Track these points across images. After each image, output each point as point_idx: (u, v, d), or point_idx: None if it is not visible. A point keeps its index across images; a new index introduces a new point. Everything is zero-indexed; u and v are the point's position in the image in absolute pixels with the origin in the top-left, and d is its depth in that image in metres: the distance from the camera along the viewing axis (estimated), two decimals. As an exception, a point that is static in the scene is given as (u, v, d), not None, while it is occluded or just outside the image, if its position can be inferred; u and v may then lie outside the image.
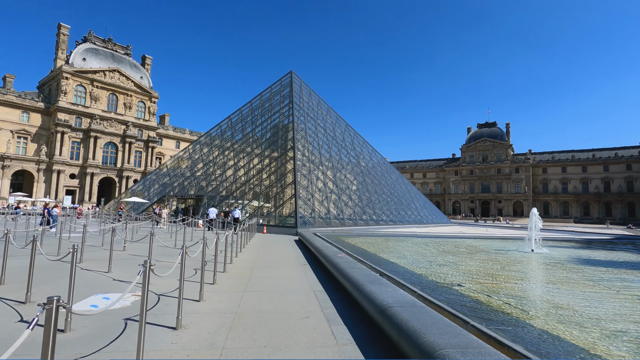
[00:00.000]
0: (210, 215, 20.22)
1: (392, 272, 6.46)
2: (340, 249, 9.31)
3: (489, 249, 14.25)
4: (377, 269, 6.23)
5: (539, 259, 11.56)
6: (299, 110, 30.98)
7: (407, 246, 14.49)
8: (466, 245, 15.75)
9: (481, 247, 14.91)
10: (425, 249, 13.46)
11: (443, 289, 6.01)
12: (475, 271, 8.27)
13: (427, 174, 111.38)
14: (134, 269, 7.33)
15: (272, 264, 9.15)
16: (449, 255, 11.44)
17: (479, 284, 6.63)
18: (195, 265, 8.01)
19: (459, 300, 5.19)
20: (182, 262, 4.00)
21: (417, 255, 11.30)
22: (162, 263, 8.06)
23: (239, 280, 6.77)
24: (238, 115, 37.84)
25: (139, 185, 38.61)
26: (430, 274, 7.64)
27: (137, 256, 9.44)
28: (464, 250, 13.60)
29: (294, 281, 6.78)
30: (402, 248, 13.73)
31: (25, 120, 61.19)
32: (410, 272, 7.68)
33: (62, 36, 65.89)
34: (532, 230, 14.21)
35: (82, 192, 63.85)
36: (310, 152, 27.18)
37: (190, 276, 6.83)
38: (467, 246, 15.13)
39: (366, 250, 11.71)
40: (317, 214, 22.61)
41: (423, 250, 12.97)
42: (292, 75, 36.65)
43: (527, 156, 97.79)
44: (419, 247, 14.08)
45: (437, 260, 10.14)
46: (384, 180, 35.63)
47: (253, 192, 25.31)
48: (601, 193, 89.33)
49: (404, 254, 11.18)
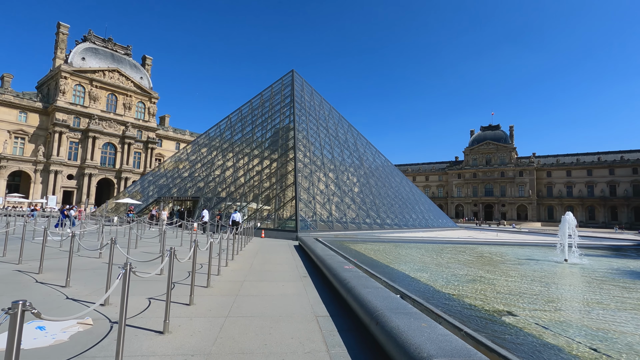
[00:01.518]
0: (204, 217, 19.03)
1: (416, 292, 5.18)
2: (347, 259, 8.05)
3: (514, 258, 12.76)
4: (397, 287, 4.96)
5: (581, 272, 10.14)
6: (301, 110, 29.82)
7: (421, 254, 13.12)
8: (486, 252, 14.35)
9: (504, 255, 13.45)
10: (443, 258, 12.09)
11: (492, 322, 4.63)
12: (517, 290, 6.84)
13: (429, 177, 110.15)
14: (99, 283, 6.10)
15: (266, 276, 7.91)
16: (475, 267, 10.05)
17: (535, 312, 5.23)
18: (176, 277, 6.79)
19: (528, 342, 3.81)
20: (171, 270, 2.75)
21: (437, 266, 9.86)
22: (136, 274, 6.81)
23: (223, 299, 5.55)
24: (237, 115, 36.74)
25: (135, 186, 37.48)
26: (464, 294, 6.20)
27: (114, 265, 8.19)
28: (487, 259, 12.22)
29: (291, 301, 5.56)
30: (416, 257, 12.35)
31: (23, 120, 60.32)
32: (437, 292, 6.24)
33: (61, 35, 65.13)
34: (565, 237, 12.67)
35: (79, 194, 62.82)
36: (312, 153, 25.97)
37: (163, 293, 5.59)
38: (488, 254, 13.73)
39: (376, 260, 10.37)
40: (318, 217, 21.36)
41: (441, 260, 11.59)
42: (293, 74, 35.56)
43: (531, 159, 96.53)
44: (434, 256, 12.74)
45: (463, 273, 8.74)
46: (388, 182, 34.36)
47: (251, 194, 24.09)
48: (607, 197, 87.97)
49: (421, 265, 9.78)
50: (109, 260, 4.89)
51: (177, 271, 7.50)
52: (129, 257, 5.05)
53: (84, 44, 68.22)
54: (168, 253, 3.97)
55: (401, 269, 8.82)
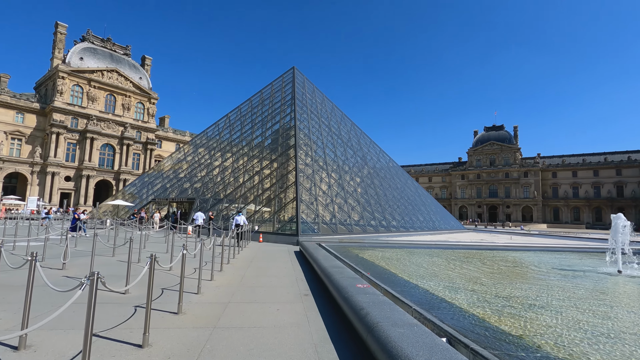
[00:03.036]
0: (197, 220, 17.75)
1: (468, 331, 3.73)
2: (358, 272, 6.69)
3: (551, 268, 10.94)
4: (438, 324, 3.44)
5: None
6: (302, 108, 28.58)
7: (442, 264, 11.47)
8: (513, 261, 12.67)
9: (537, 264, 11.70)
10: (470, 269, 10.41)
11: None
12: (609, 328, 4.69)
13: (432, 178, 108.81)
14: (37, 307, 4.74)
15: (258, 294, 6.46)
16: (516, 283, 8.12)
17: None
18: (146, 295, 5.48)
19: None
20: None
21: (469, 281, 8.07)
22: (101, 292, 5.52)
23: (193, 336, 4.06)
24: (237, 114, 35.55)
25: (130, 188, 36.28)
26: (532, 333, 4.32)
27: (71, 278, 6.90)
28: (521, 270, 10.55)
29: (287, 339, 4.05)
30: (438, 268, 10.73)
31: (19, 121, 59.39)
32: (495, 330, 4.33)
33: (59, 35, 64.26)
34: (618, 243, 10.58)
35: (77, 195, 61.79)
36: (314, 152, 24.67)
37: (120, 323, 4.27)
38: (518, 263, 12.04)
39: (393, 274, 8.83)
40: (320, 220, 20.02)
41: (469, 271, 9.88)
42: (294, 71, 34.38)
43: (536, 160, 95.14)
44: (458, 265, 11.13)
45: (508, 294, 6.89)
46: (393, 183, 33.02)
47: (250, 195, 22.79)
48: (614, 198, 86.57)
49: (449, 281, 8.01)
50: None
51: (150, 286, 6.21)
52: (97, 271, 3.84)
53: (82, 44, 67.34)
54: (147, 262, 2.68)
55: (427, 287, 7.22)
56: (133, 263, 9.19)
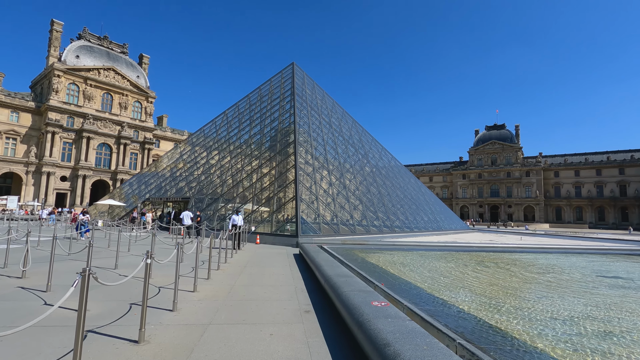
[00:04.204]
0: (183, 220, 16.66)
1: None
2: (369, 282, 5.55)
3: (594, 274, 9.63)
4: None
5: None
6: (302, 104, 27.52)
7: (463, 270, 10.03)
8: (540, 265, 11.21)
9: (569, 269, 10.41)
10: (500, 276, 8.96)
11: None
12: None
13: (433, 177, 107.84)
14: None
15: (249, 311, 5.26)
16: (567, 294, 6.95)
17: None
18: (112, 313, 4.42)
19: None
20: None
21: (508, 294, 6.77)
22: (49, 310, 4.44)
23: None
24: (234, 111, 34.49)
25: (124, 187, 35.20)
26: None
27: (30, 290, 5.81)
28: (559, 277, 9.03)
29: None
30: (460, 274, 9.36)
31: (14, 120, 58.30)
32: None
33: (55, 33, 63.13)
34: None
35: (73, 196, 60.71)
36: (314, 149, 23.59)
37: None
38: (550, 269, 10.55)
39: (412, 284, 7.50)
40: (322, 220, 18.92)
41: (501, 281, 8.50)
42: (293, 67, 33.32)
43: (538, 159, 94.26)
44: (483, 271, 9.75)
45: (568, 313, 5.55)
46: (396, 181, 31.93)
47: (247, 194, 21.70)
48: (617, 197, 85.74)
49: (481, 292, 6.90)
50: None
51: (117, 302, 5.15)
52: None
53: (79, 42, 66.28)
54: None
55: (460, 303, 5.82)
56: (109, 269, 8.14)
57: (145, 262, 3.65)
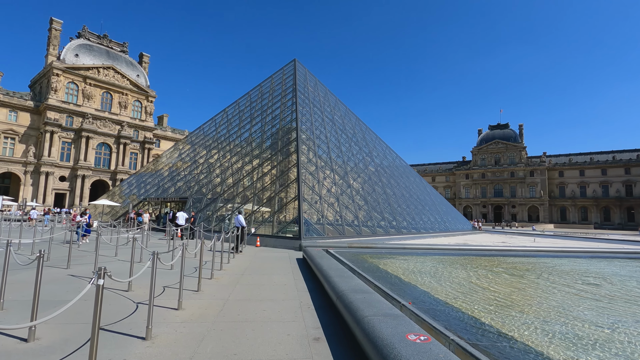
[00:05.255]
0: (179, 220, 15.79)
1: None
2: (394, 300, 4.54)
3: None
4: None
5: None
6: (304, 101, 26.63)
7: (499, 281, 8.70)
8: (581, 273, 10.03)
9: (616, 278, 9.30)
10: (543, 287, 7.94)
11: None
12: None
13: (436, 177, 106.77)
14: None
15: (242, 339, 4.16)
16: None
17: None
18: (65, 342, 3.49)
19: None
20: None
21: (575, 319, 5.47)
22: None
23: None
24: (235, 108, 33.62)
25: (121, 187, 34.35)
26: None
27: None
28: (616, 289, 7.89)
29: None
30: (499, 287, 7.83)
31: (13, 119, 57.66)
32: None
33: (54, 31, 62.48)
34: None
35: (72, 196, 59.97)
36: (317, 146, 22.67)
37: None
38: (592, 278, 9.38)
39: (446, 303, 6.12)
40: (326, 221, 17.99)
41: (548, 294, 7.31)
42: (295, 64, 32.43)
43: (542, 159, 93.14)
44: (520, 281, 8.43)
45: None
46: (402, 181, 30.96)
47: (247, 194, 20.79)
48: (623, 197, 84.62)
49: (535, 314, 5.61)
50: None
51: (83, 325, 4.26)
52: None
53: (78, 40, 65.63)
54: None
55: (525, 338, 4.35)
56: (85, 278, 7.23)
57: (95, 283, 2.73)
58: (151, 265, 3.97)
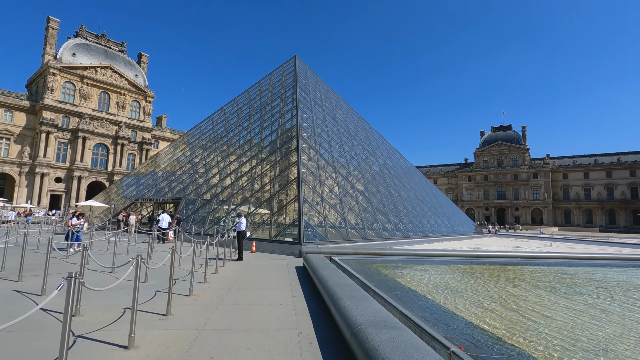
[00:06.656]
0: (161, 223, 14.59)
1: None
2: (437, 343, 2.86)
3: None
4: None
5: None
6: (305, 98, 25.48)
7: (551, 299, 7.06)
8: (628, 286, 8.52)
9: None
10: (613, 311, 6.26)
11: None
12: None
13: (438, 179, 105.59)
14: None
15: None
16: None
17: None
18: None
19: None
20: None
21: None
22: None
23: None
24: (233, 106, 32.49)
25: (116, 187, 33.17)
26: None
27: None
28: None
29: None
30: (568, 315, 5.91)
31: (8, 119, 56.58)
32: None
33: (51, 30, 61.52)
34: None
35: (68, 197, 58.76)
36: (319, 145, 21.47)
37: None
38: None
39: (500, 340, 4.30)
40: (328, 224, 16.76)
41: (623, 319, 5.73)
42: (296, 60, 31.32)
43: (546, 161, 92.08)
44: (577, 299, 7.00)
45: None
46: (407, 182, 29.72)
47: (243, 195, 19.58)
48: (628, 200, 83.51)
49: None
50: None
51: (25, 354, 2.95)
52: None
53: (75, 40, 64.65)
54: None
55: None
56: (34, 295, 5.96)
57: None
58: (136, 277, 2.69)
